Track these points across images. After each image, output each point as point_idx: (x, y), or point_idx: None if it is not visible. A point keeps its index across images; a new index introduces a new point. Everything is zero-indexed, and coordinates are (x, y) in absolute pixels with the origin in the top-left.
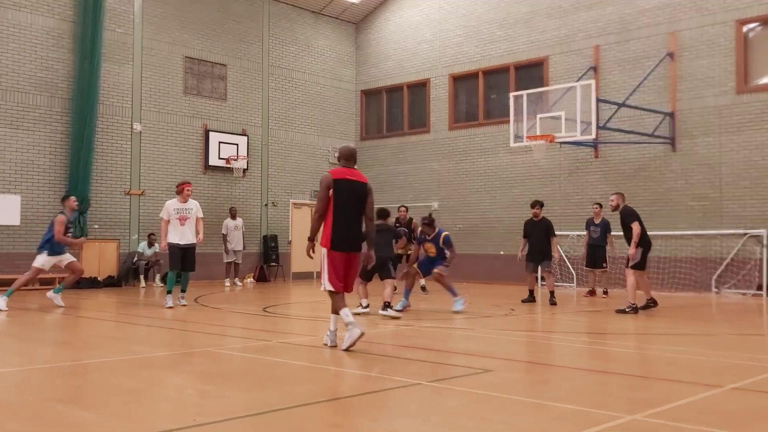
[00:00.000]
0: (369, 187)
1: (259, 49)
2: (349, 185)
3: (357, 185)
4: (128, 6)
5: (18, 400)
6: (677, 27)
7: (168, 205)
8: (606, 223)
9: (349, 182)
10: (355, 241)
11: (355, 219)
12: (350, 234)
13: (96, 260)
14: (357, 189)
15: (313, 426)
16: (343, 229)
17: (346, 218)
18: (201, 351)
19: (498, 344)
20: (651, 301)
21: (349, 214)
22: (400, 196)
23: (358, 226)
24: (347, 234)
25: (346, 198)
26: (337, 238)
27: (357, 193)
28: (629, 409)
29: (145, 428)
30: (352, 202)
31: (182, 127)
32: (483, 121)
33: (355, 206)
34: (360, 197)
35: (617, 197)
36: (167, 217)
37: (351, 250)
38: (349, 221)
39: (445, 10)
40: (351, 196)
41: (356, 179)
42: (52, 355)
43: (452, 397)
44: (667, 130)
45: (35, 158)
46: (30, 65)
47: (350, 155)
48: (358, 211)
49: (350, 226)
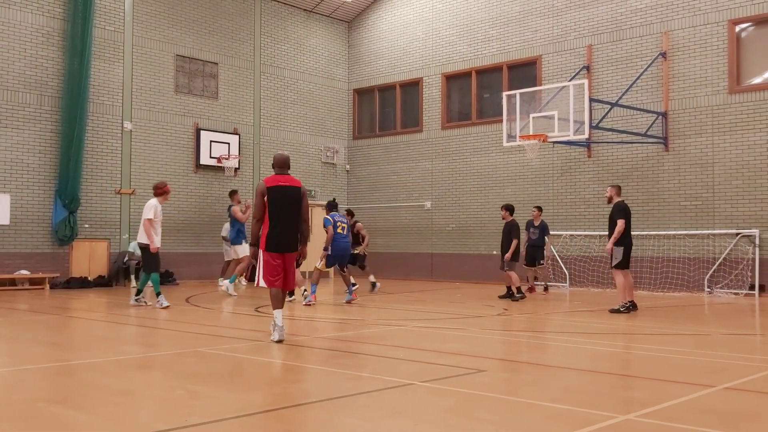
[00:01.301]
0: (303, 190)
1: (250, 47)
2: (282, 191)
3: (290, 190)
4: (119, 3)
5: (7, 401)
6: (670, 27)
7: (156, 206)
8: (544, 225)
9: (281, 188)
10: (289, 242)
11: (288, 222)
12: (283, 236)
13: (86, 260)
14: (290, 193)
15: (305, 426)
16: (276, 232)
17: (280, 221)
18: (192, 351)
19: (490, 344)
20: (631, 303)
21: (282, 218)
22: (392, 195)
23: (292, 227)
24: (280, 236)
25: (280, 203)
26: (270, 241)
27: (291, 197)
28: (622, 408)
29: (136, 429)
30: (285, 206)
31: (173, 125)
32: (476, 120)
33: (289, 210)
34: (294, 200)
35: (611, 190)
36: (154, 217)
37: (285, 250)
38: (282, 224)
39: (438, 9)
40: (284, 201)
41: (289, 184)
42: (42, 355)
43: (445, 397)
44: (659, 129)
45: (25, 157)
46: (19, 63)
47: (283, 162)
48: (293, 214)
49: (284, 228)
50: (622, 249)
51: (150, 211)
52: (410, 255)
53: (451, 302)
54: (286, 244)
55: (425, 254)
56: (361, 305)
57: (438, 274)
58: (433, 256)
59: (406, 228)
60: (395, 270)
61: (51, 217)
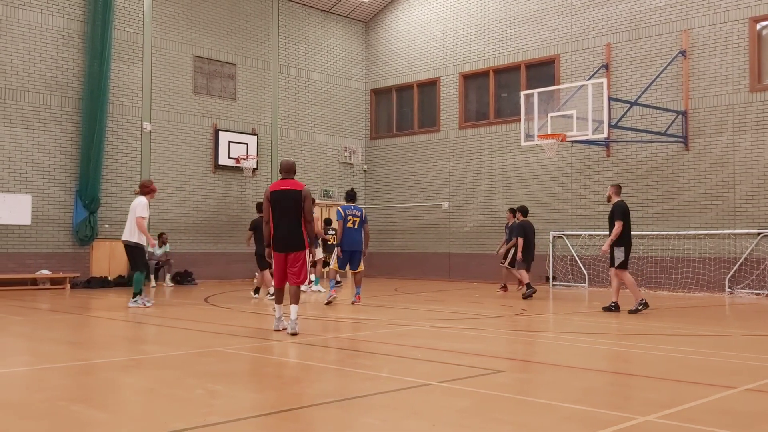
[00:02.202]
0: (304, 194)
1: (268, 48)
2: (283, 194)
3: (291, 193)
4: (138, 5)
5: (29, 400)
6: (690, 25)
7: (146, 204)
8: (513, 227)
9: (283, 192)
10: (290, 243)
11: (289, 223)
12: (284, 237)
13: (106, 260)
14: (290, 196)
15: (322, 426)
16: (278, 232)
17: (281, 223)
18: (211, 351)
19: (508, 345)
20: (614, 304)
21: (284, 220)
22: (409, 195)
23: (293, 229)
24: (281, 237)
25: (281, 206)
26: (274, 241)
27: (290, 199)
28: (641, 410)
29: (156, 428)
30: (286, 208)
31: (192, 126)
32: (493, 120)
33: (290, 212)
34: (294, 203)
35: (611, 189)
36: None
37: (286, 250)
38: (283, 226)
39: (456, 9)
40: (285, 204)
41: (291, 188)
42: (62, 354)
43: (462, 398)
44: (679, 128)
45: (46, 158)
46: (40, 65)
47: (288, 168)
48: (294, 216)
49: (285, 230)
50: (623, 248)
51: (144, 209)
52: (428, 255)
53: (469, 302)
54: (286, 244)
55: (443, 254)
56: (380, 306)
57: (455, 274)
58: (451, 256)
59: (423, 228)
60: (413, 270)
61: (72, 218)
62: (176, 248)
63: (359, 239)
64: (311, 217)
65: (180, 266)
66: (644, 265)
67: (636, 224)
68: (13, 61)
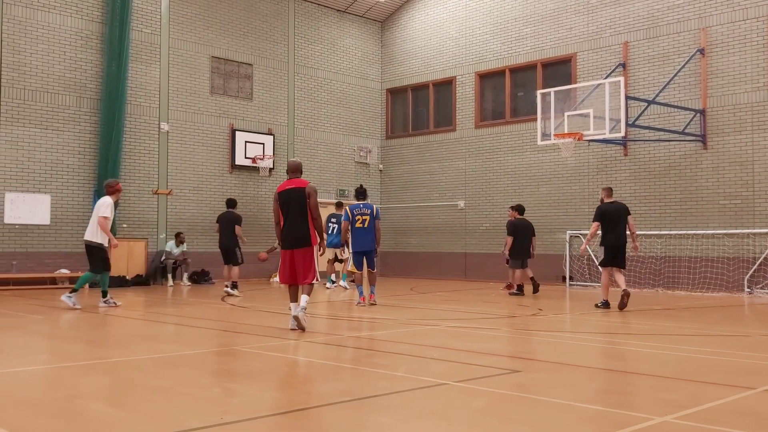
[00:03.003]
0: (308, 191)
1: (284, 48)
2: (288, 194)
3: (295, 191)
4: (155, 6)
5: (47, 398)
6: (708, 22)
7: (111, 204)
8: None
9: (288, 191)
10: (297, 240)
11: (296, 221)
12: (292, 234)
13: (124, 259)
14: (294, 194)
15: (338, 425)
16: (286, 230)
17: (288, 221)
18: (227, 349)
19: (525, 344)
20: (604, 302)
21: (290, 218)
22: (425, 195)
23: (301, 227)
24: (289, 234)
25: (287, 205)
26: (282, 237)
27: (295, 198)
28: (659, 410)
29: (172, 426)
30: (293, 207)
31: (209, 126)
32: (510, 119)
33: (296, 210)
34: (298, 200)
35: (601, 192)
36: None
37: (293, 247)
38: (290, 223)
39: (471, 8)
40: (291, 202)
41: (294, 186)
42: (81, 353)
43: (478, 398)
44: (697, 127)
45: (64, 158)
46: (59, 66)
47: (294, 168)
48: (300, 214)
49: (292, 227)
50: (603, 248)
51: (108, 209)
52: (443, 254)
53: (485, 302)
54: (293, 241)
55: (459, 254)
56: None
57: (471, 274)
58: (467, 256)
59: (439, 227)
60: (428, 269)
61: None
62: (193, 248)
63: (371, 239)
64: (317, 213)
65: (197, 265)
66: (662, 264)
67: (654, 224)
68: (32, 62)
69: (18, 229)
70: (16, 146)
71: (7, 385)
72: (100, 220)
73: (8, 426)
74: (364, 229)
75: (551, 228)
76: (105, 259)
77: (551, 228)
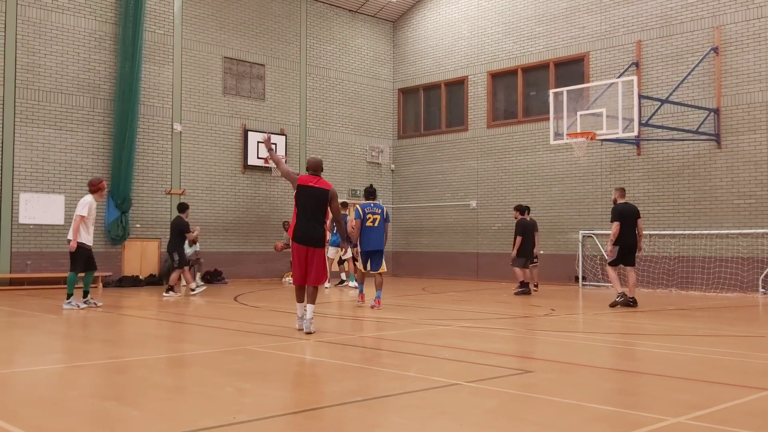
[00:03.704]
0: (331, 193)
1: (296, 48)
2: (310, 191)
3: (318, 191)
4: (168, 7)
5: (62, 397)
6: (722, 21)
7: (91, 203)
8: (533, 223)
9: (311, 188)
10: (314, 240)
11: (313, 219)
12: (307, 231)
13: (138, 259)
14: (318, 194)
15: (350, 425)
16: (301, 225)
17: (304, 217)
18: (240, 349)
19: (537, 345)
20: (621, 296)
21: (307, 214)
22: (437, 195)
23: (318, 228)
24: (304, 230)
25: (306, 200)
26: (296, 232)
27: (317, 198)
28: (672, 411)
29: (185, 425)
30: (311, 204)
31: (221, 127)
32: (522, 118)
33: (314, 209)
34: (320, 201)
35: (614, 192)
36: (87, 215)
37: (308, 244)
38: (307, 220)
39: (484, 7)
40: (310, 200)
41: (318, 186)
42: (95, 352)
43: (490, 398)
44: (711, 126)
45: (78, 158)
46: (73, 67)
47: (315, 165)
48: (318, 213)
49: (308, 224)
50: (617, 248)
51: (84, 208)
52: (455, 254)
53: (497, 302)
54: (309, 238)
55: (471, 254)
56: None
57: (483, 274)
58: (479, 256)
59: (451, 227)
60: (440, 269)
61: (104, 217)
62: (206, 248)
63: (380, 238)
64: (340, 217)
65: (210, 265)
66: (676, 264)
67: (667, 223)
68: (46, 63)
69: (32, 229)
70: (31, 147)
71: (22, 384)
72: (75, 218)
73: (23, 425)
74: (374, 228)
75: (564, 228)
76: (89, 258)
77: (564, 228)
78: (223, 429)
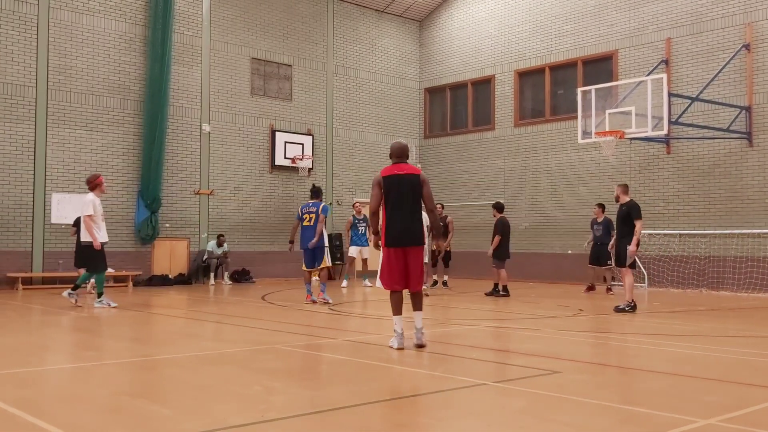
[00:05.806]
0: (422, 178)
1: (323, 49)
2: (399, 180)
3: (408, 178)
4: (197, 9)
5: (93, 394)
6: (753, 17)
7: (95, 201)
8: (608, 221)
9: (398, 177)
10: (411, 235)
11: (409, 213)
12: (404, 228)
13: (167, 258)
14: (408, 182)
15: (377, 425)
16: (396, 224)
17: (399, 213)
18: (268, 348)
19: (565, 345)
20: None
21: (402, 209)
22: (464, 194)
23: (414, 219)
24: (401, 229)
25: (397, 193)
26: (390, 234)
27: (409, 186)
28: (703, 413)
29: (214, 423)
30: (403, 196)
31: (249, 127)
32: (549, 117)
33: (408, 200)
34: (413, 189)
35: (618, 189)
36: (94, 213)
37: (407, 244)
38: (402, 216)
39: (511, 5)
40: (402, 191)
41: (406, 173)
42: (125, 350)
43: (518, 398)
44: (743, 124)
45: (109, 159)
46: (104, 68)
47: (401, 152)
48: (413, 204)
49: (404, 220)
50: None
51: (89, 207)
52: (482, 254)
53: (525, 302)
54: (408, 237)
55: None
56: (433, 304)
57: (511, 274)
58: None
59: (478, 227)
60: (468, 269)
61: (134, 217)
62: (234, 247)
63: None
64: (433, 205)
65: (238, 264)
66: (706, 264)
67: (698, 223)
68: (78, 65)
69: (64, 229)
70: (63, 148)
71: (54, 382)
72: (84, 219)
73: (56, 421)
74: (309, 227)
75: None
76: (100, 258)
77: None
78: (252, 427)
